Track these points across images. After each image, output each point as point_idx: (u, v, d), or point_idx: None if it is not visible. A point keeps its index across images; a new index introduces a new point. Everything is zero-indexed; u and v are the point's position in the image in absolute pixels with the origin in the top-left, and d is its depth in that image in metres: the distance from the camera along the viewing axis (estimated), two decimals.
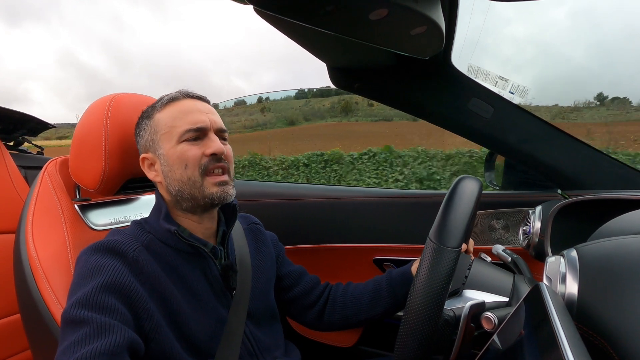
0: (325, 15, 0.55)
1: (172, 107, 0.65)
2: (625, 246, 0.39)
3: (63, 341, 0.51)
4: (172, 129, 0.64)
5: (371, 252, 1.12)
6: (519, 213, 0.97)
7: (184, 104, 0.66)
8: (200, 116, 0.64)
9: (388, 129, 6.86)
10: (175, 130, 0.63)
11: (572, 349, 0.27)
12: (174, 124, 0.64)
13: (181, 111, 0.65)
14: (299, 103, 7.71)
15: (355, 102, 7.60)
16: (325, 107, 7.51)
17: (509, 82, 0.89)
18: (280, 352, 0.73)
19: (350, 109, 7.50)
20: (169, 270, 0.62)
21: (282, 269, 0.83)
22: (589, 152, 0.88)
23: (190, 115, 0.64)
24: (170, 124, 0.64)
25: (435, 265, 0.51)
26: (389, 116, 7.09)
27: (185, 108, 0.65)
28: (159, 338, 0.57)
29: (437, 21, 0.56)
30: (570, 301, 0.39)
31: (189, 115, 0.64)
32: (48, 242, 0.68)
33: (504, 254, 0.76)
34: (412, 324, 0.50)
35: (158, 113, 0.66)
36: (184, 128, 0.63)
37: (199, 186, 0.63)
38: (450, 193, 0.56)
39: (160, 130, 0.64)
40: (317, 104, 7.67)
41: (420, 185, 4.06)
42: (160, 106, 0.66)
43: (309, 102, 7.71)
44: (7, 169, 1.13)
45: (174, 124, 0.64)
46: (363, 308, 0.79)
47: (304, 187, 1.33)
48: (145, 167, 0.67)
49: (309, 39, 0.77)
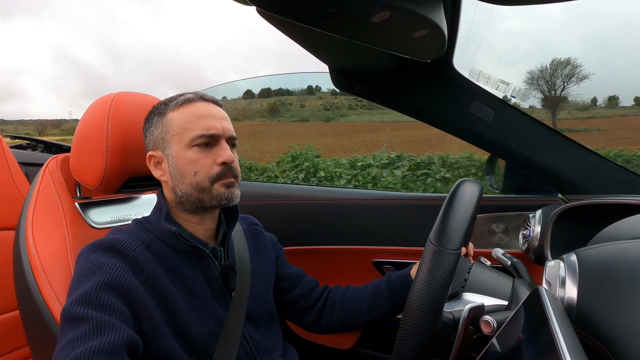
0: (328, 17, 0.56)
1: (187, 109, 0.65)
2: (625, 251, 0.39)
3: (62, 338, 0.51)
4: (185, 132, 0.63)
5: (371, 255, 1.12)
6: (519, 217, 0.97)
7: (199, 107, 0.65)
8: (214, 122, 0.64)
9: (303, 128, 7.35)
10: (187, 133, 0.63)
11: (570, 353, 0.27)
12: (187, 127, 0.63)
13: (195, 114, 0.64)
14: (244, 102, 7.71)
15: (290, 103, 7.79)
16: (263, 107, 7.60)
17: (510, 85, 0.89)
18: (278, 353, 0.73)
19: (277, 110, 7.65)
20: (169, 270, 0.62)
21: (281, 271, 0.83)
22: (590, 157, 0.89)
23: (204, 121, 0.64)
24: (183, 126, 0.64)
25: (435, 267, 0.51)
26: (305, 117, 7.64)
27: (200, 112, 0.65)
28: (158, 337, 0.57)
29: (440, 24, 0.56)
30: (570, 305, 0.38)
31: (202, 120, 0.64)
32: (48, 240, 0.69)
33: (504, 258, 0.76)
34: (411, 326, 0.50)
35: (172, 112, 0.65)
36: (197, 133, 0.63)
37: (208, 190, 0.63)
38: (451, 196, 0.56)
39: (171, 131, 0.64)
40: (258, 104, 7.70)
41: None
42: (174, 106, 0.65)
43: (251, 102, 7.69)
44: (7, 165, 1.13)
45: (186, 127, 0.63)
46: (362, 311, 0.79)
47: (305, 188, 1.33)
48: (151, 164, 0.67)
49: (311, 41, 0.77)
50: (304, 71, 1.54)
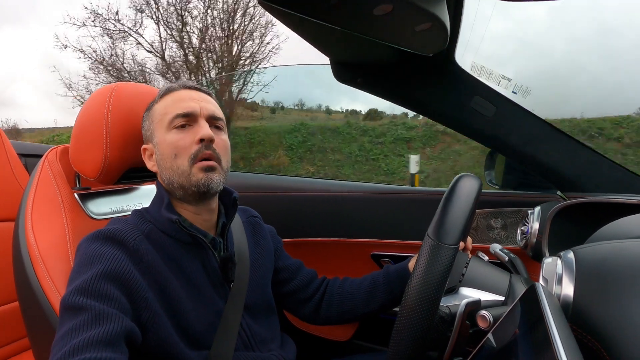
0: (330, 9, 0.55)
1: (168, 97, 0.66)
2: (622, 250, 0.39)
3: (61, 327, 0.51)
4: (164, 117, 0.64)
5: (369, 248, 1.12)
6: (518, 213, 0.97)
7: (179, 93, 0.66)
8: (190, 103, 0.65)
9: None
10: (166, 117, 0.64)
11: (565, 350, 0.28)
12: (166, 112, 0.64)
13: (174, 100, 0.65)
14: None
15: None
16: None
17: (512, 81, 0.88)
18: (275, 344, 0.74)
19: None
20: (169, 260, 0.62)
21: (280, 262, 0.83)
22: (590, 155, 0.88)
23: (181, 103, 0.65)
24: (163, 112, 0.65)
25: (432, 262, 0.51)
26: None
27: (179, 97, 0.66)
28: (157, 327, 0.57)
29: (442, 18, 0.55)
30: (566, 302, 0.39)
31: (180, 102, 0.65)
32: (47, 231, 0.69)
33: (502, 254, 0.76)
34: (408, 319, 0.51)
35: (156, 104, 0.67)
36: (173, 114, 0.63)
37: (187, 175, 0.63)
38: (450, 191, 0.56)
39: (155, 120, 0.66)
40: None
41: None
42: (158, 97, 0.67)
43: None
44: (7, 156, 1.12)
45: (165, 112, 0.65)
46: (359, 303, 0.79)
47: (304, 180, 1.33)
48: (145, 157, 0.69)
49: (313, 33, 0.77)
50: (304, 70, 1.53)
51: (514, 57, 5.82)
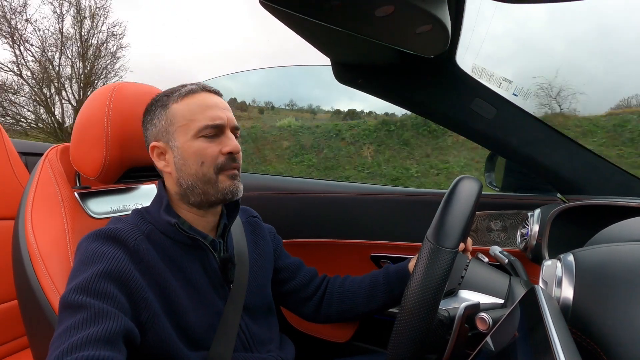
0: (331, 10, 0.55)
1: (190, 100, 0.65)
2: (622, 253, 0.39)
3: (60, 325, 0.51)
4: (190, 123, 0.63)
5: (369, 249, 1.12)
6: (518, 215, 0.97)
7: (202, 97, 0.65)
8: (219, 113, 0.65)
9: None
10: (193, 124, 0.63)
11: (564, 352, 0.27)
12: (193, 118, 0.63)
13: (200, 105, 0.64)
14: None
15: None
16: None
17: (512, 83, 0.88)
18: (274, 345, 0.74)
19: None
20: (169, 261, 0.62)
21: (280, 262, 0.83)
22: (590, 158, 0.88)
23: (210, 111, 0.64)
24: (189, 117, 0.63)
25: (431, 265, 0.51)
26: None
27: (204, 102, 0.65)
28: (156, 327, 0.57)
29: (443, 20, 0.55)
30: (565, 305, 0.39)
31: (208, 110, 0.64)
32: (47, 229, 0.69)
33: (501, 256, 0.76)
34: (407, 323, 0.51)
35: (175, 104, 0.65)
36: (203, 124, 0.63)
37: (214, 182, 0.64)
38: (450, 193, 0.56)
39: (176, 122, 0.64)
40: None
41: None
42: (177, 97, 0.65)
43: None
44: (7, 154, 1.13)
45: (192, 118, 0.63)
46: (359, 302, 0.79)
47: (304, 181, 1.33)
48: (154, 155, 0.67)
49: (314, 34, 0.77)
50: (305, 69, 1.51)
51: (512, 57, 5.78)
